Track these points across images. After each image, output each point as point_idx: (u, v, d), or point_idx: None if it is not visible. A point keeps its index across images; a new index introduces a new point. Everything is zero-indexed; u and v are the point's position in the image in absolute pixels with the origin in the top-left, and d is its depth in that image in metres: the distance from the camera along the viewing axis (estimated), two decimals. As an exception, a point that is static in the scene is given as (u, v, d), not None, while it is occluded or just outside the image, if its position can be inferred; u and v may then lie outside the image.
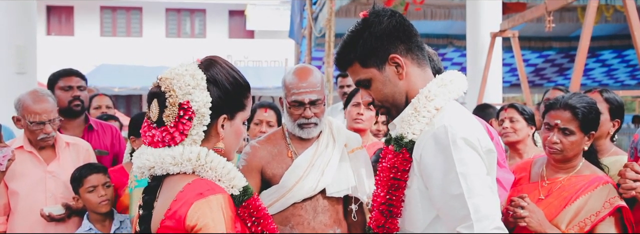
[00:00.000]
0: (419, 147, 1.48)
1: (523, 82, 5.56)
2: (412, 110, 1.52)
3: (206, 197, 1.30)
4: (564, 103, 2.00)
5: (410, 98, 1.55)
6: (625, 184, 1.90)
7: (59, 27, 16.53)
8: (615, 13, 7.00)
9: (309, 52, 8.65)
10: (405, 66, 1.53)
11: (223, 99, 1.39)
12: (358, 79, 1.57)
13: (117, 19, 16.90)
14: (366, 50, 1.52)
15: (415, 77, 1.55)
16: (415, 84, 1.55)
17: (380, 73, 1.53)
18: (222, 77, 1.41)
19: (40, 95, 2.61)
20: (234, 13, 17.30)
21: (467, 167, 1.41)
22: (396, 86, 1.54)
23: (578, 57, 3.80)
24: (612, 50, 9.58)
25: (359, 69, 1.55)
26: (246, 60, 15.78)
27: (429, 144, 1.46)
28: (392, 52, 1.52)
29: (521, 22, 5.24)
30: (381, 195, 1.56)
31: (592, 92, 2.38)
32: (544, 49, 9.44)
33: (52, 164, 2.66)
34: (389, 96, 1.55)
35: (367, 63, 1.53)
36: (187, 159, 1.35)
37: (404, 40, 1.53)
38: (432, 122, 1.50)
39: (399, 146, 1.51)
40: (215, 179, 1.37)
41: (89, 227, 2.55)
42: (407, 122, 1.52)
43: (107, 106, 4.10)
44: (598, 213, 1.91)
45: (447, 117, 1.49)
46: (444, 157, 1.43)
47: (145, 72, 13.50)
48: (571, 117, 1.97)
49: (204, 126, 1.38)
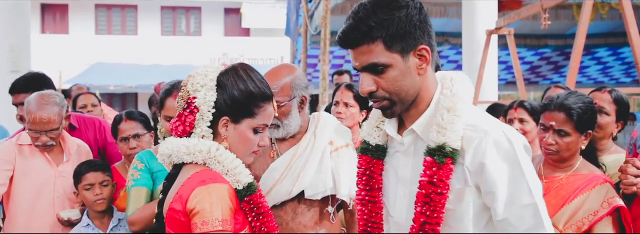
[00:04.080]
0: (476, 155, 1.33)
1: (519, 79, 5.57)
2: (452, 115, 1.36)
3: (207, 184, 1.44)
4: (558, 104, 1.99)
5: (420, 98, 1.41)
6: (627, 180, 1.90)
7: (54, 25, 16.46)
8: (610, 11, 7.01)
9: (304, 50, 8.64)
10: (429, 62, 1.39)
11: (227, 102, 1.53)
12: (373, 62, 1.34)
13: (112, 17, 16.84)
14: (398, 32, 1.33)
15: (430, 77, 1.42)
16: (429, 84, 1.42)
17: (403, 61, 1.35)
18: (230, 83, 1.54)
19: (44, 102, 2.52)
20: (230, 11, 17.26)
21: (532, 176, 1.34)
22: (414, 80, 1.38)
23: (573, 55, 3.81)
24: (607, 47, 9.59)
25: (380, 50, 1.33)
26: (242, 58, 15.75)
27: (491, 151, 1.32)
28: (421, 43, 1.36)
29: (517, 20, 5.24)
30: (423, 213, 1.37)
31: (602, 92, 2.37)
32: (540, 46, 9.45)
33: (62, 165, 2.64)
34: (403, 90, 1.37)
35: (393, 46, 1.33)
36: (199, 151, 1.51)
37: (429, 34, 1.39)
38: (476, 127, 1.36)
39: (443, 155, 1.34)
40: (222, 172, 1.51)
41: (86, 223, 2.55)
42: (449, 127, 1.35)
43: (92, 104, 4.06)
44: (596, 213, 1.90)
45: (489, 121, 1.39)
46: (509, 165, 1.32)
47: (140, 70, 13.50)
48: (566, 119, 1.96)
49: (206, 123, 1.53)
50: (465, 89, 1.40)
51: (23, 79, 3.10)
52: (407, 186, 1.44)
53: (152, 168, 2.35)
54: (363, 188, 1.52)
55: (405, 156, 1.46)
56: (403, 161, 1.46)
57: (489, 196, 1.34)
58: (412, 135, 1.43)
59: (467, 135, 1.35)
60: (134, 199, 2.30)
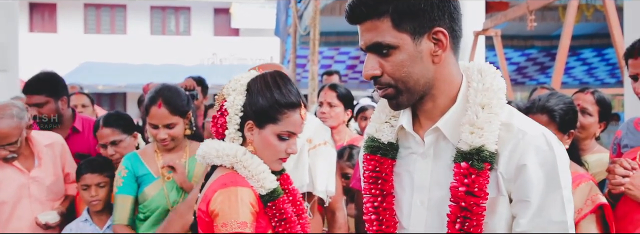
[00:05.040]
0: (512, 159, 1.15)
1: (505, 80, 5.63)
2: (487, 113, 1.16)
3: (228, 187, 1.49)
4: (540, 106, 2.02)
5: (436, 90, 1.19)
6: (614, 180, 1.92)
7: (42, 24, 16.33)
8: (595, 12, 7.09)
9: (294, 50, 8.67)
10: (446, 48, 1.17)
11: (252, 107, 1.57)
12: (377, 41, 1.15)
13: (101, 16, 16.74)
14: (410, 8, 1.13)
15: (450, 68, 1.19)
16: (449, 75, 1.19)
17: (413, 44, 1.14)
18: (256, 88, 1.58)
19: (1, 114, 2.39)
20: (219, 11, 17.23)
21: (569, 190, 1.16)
22: (426, 69, 1.16)
23: (559, 56, 3.87)
24: (592, 49, 9.70)
25: (388, 28, 1.14)
26: (231, 58, 15.74)
27: (529, 155, 1.14)
28: (438, 25, 1.15)
29: (503, 21, 5.31)
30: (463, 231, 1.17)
31: (585, 93, 2.42)
32: (526, 47, 9.55)
33: (34, 171, 2.59)
34: (412, 78, 1.16)
35: (402, 24, 1.13)
36: (226, 154, 1.56)
37: (452, 17, 1.17)
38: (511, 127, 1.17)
39: (482, 160, 1.14)
40: (247, 176, 1.54)
41: (85, 218, 2.56)
42: (486, 127, 1.15)
43: (82, 105, 4.04)
44: (580, 211, 1.92)
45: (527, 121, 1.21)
46: (546, 174, 1.13)
47: (129, 69, 13.44)
48: (548, 121, 1.99)
49: (234, 126, 1.59)
50: (499, 83, 1.20)
51: (35, 79, 3.01)
52: (426, 194, 1.22)
53: (137, 172, 2.37)
54: (375, 193, 1.28)
55: (424, 159, 1.23)
56: (421, 164, 1.24)
57: (519, 206, 1.16)
58: (434, 134, 1.22)
59: (501, 136, 1.16)
60: (120, 208, 2.36)
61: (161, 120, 2.28)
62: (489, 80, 1.20)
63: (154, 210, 2.36)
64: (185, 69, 12.47)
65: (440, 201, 1.20)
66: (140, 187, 2.38)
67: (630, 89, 2.17)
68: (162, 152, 2.40)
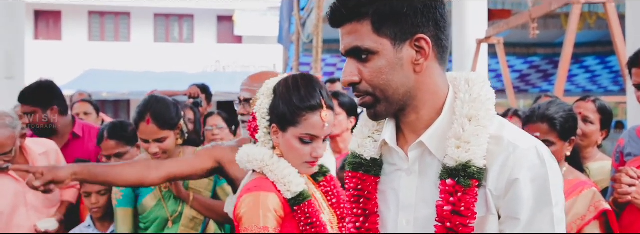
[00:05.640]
0: (502, 175, 1.07)
1: (508, 88, 5.64)
2: (474, 126, 1.09)
3: (252, 192, 1.51)
4: (540, 115, 2.02)
5: (419, 101, 1.13)
6: (621, 189, 1.92)
7: (47, 31, 16.42)
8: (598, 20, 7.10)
9: (296, 58, 8.70)
10: (429, 57, 1.10)
11: (274, 110, 1.58)
12: (356, 45, 1.09)
13: (105, 23, 16.82)
14: (391, 12, 1.08)
15: (434, 78, 1.12)
16: (432, 85, 1.12)
17: (393, 50, 1.08)
18: (280, 91, 1.59)
19: None
20: (222, 18, 17.31)
21: (560, 207, 1.08)
22: (407, 78, 1.10)
23: (561, 64, 3.88)
24: (595, 56, 9.71)
25: (367, 32, 1.09)
26: (234, 65, 15.79)
27: (519, 170, 1.06)
28: (421, 31, 1.09)
29: (506, 29, 5.33)
30: None
31: (586, 101, 2.43)
32: (529, 55, 9.56)
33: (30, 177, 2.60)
34: (391, 86, 1.10)
35: (383, 29, 1.08)
36: (255, 159, 1.58)
37: (438, 25, 1.11)
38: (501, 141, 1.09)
39: (469, 177, 1.07)
40: (275, 180, 1.55)
41: (88, 224, 2.58)
42: (473, 141, 1.08)
43: (85, 112, 4.05)
44: (583, 217, 1.94)
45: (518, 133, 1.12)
46: (536, 189, 1.06)
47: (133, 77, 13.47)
48: (549, 129, 2.00)
49: (263, 129, 1.61)
50: (488, 93, 1.14)
51: (33, 88, 3.03)
52: (412, 213, 1.15)
53: None
54: (357, 213, 1.21)
55: (409, 175, 1.16)
56: (406, 181, 1.16)
57: (507, 224, 1.08)
58: (418, 149, 1.14)
59: (490, 150, 1.09)
60: (121, 221, 2.38)
61: (151, 135, 2.26)
62: (477, 90, 1.13)
63: (153, 220, 2.36)
64: (188, 76, 12.51)
65: (427, 220, 1.12)
66: (138, 198, 2.39)
67: (634, 98, 2.18)
68: None
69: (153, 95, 2.39)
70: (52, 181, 1.90)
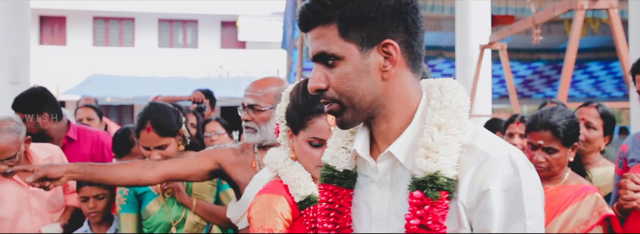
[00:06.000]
0: (473, 186, 1.01)
1: (512, 93, 5.64)
2: (443, 134, 1.03)
3: (261, 194, 1.53)
4: (543, 123, 2.03)
5: (388, 110, 1.08)
6: (626, 195, 1.92)
7: (52, 36, 16.51)
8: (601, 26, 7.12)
9: (300, 63, 8.72)
10: (398, 63, 1.05)
11: (287, 113, 1.60)
12: (322, 50, 1.05)
13: (109, 29, 16.90)
14: (358, 16, 1.03)
15: (405, 86, 1.07)
16: (400, 95, 1.07)
17: (360, 56, 1.04)
18: (292, 95, 1.60)
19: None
20: (226, 24, 17.37)
21: (535, 218, 1.01)
22: (374, 85, 1.05)
23: (565, 69, 3.88)
24: (599, 62, 9.72)
25: (334, 36, 1.04)
26: (238, 70, 15.83)
27: (491, 180, 1.00)
28: (390, 37, 1.04)
29: (509, 35, 5.33)
30: None
31: (589, 107, 2.44)
32: (533, 60, 9.57)
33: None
34: (357, 93, 1.05)
35: (349, 33, 1.04)
36: (272, 161, 1.61)
37: (409, 31, 1.05)
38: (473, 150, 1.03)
39: (437, 188, 1.01)
40: (287, 183, 1.56)
41: (85, 229, 2.59)
42: (442, 150, 1.02)
43: (87, 118, 4.07)
44: (587, 222, 1.95)
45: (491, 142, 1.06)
46: (508, 201, 0.99)
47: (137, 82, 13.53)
48: (552, 137, 2.01)
49: (282, 132, 1.62)
50: (460, 99, 1.08)
51: (23, 96, 3.05)
52: (384, 228, 1.09)
53: (138, 190, 2.41)
54: (328, 228, 1.16)
55: (381, 188, 1.10)
56: (377, 194, 1.10)
57: None
58: (389, 160, 1.09)
59: (461, 160, 1.03)
60: (124, 226, 2.41)
61: (152, 143, 2.28)
62: (448, 97, 1.07)
63: (156, 226, 2.38)
64: (192, 81, 12.56)
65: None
66: (142, 204, 2.41)
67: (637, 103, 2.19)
68: None
69: (153, 102, 2.40)
70: (46, 177, 1.90)
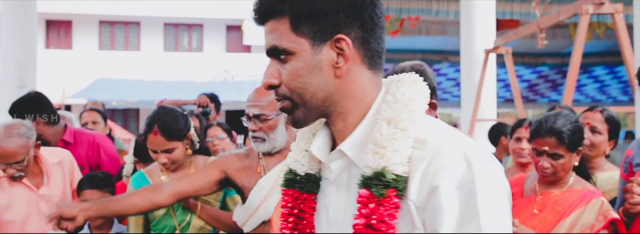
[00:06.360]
0: (424, 183, 0.94)
1: (517, 97, 5.63)
2: (392, 128, 0.97)
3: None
4: (548, 129, 2.02)
5: (343, 107, 1.02)
6: (633, 200, 1.92)
7: (58, 40, 16.60)
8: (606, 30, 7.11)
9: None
10: (351, 60, 1.00)
11: None
12: (274, 44, 1.01)
13: (115, 33, 16.99)
14: (310, 10, 0.99)
15: (360, 84, 1.02)
16: (355, 92, 1.02)
17: (312, 51, 0.99)
18: None
19: (7, 134, 2.44)
20: (232, 28, 17.42)
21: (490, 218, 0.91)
22: (326, 82, 1.00)
23: (570, 73, 3.87)
24: (604, 66, 9.70)
25: (286, 30, 1.00)
26: (243, 74, 15.86)
27: (441, 177, 0.92)
28: (342, 31, 0.99)
29: (514, 39, 5.33)
30: None
31: (594, 111, 2.43)
32: (538, 64, 9.56)
33: (42, 188, 2.63)
34: (308, 90, 1.00)
35: (300, 27, 0.99)
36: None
37: (365, 26, 1.00)
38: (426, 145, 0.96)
39: (382, 186, 0.94)
40: None
41: (85, 232, 2.60)
42: (389, 145, 0.96)
43: (93, 121, 4.10)
44: (593, 227, 1.95)
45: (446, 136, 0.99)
46: (461, 200, 0.91)
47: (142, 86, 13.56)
48: (557, 143, 2.01)
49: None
50: (415, 93, 1.02)
51: (19, 101, 3.06)
52: (340, 231, 1.03)
53: None
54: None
55: (338, 189, 1.04)
56: (335, 196, 1.05)
57: None
58: (343, 159, 1.03)
59: (413, 156, 0.96)
60: (133, 228, 2.42)
61: (159, 146, 2.30)
62: (402, 90, 1.01)
63: (161, 229, 2.39)
64: (197, 85, 12.58)
65: None
66: None
67: (642, 108, 2.18)
68: (168, 171, 2.43)
69: (162, 106, 2.42)
70: (62, 217, 1.96)
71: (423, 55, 8.64)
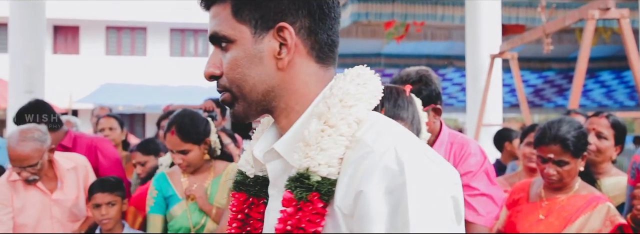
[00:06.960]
0: (351, 187, 0.82)
1: (522, 102, 5.62)
2: (321, 124, 0.87)
3: None
4: (552, 136, 2.03)
5: (286, 103, 0.93)
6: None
7: (65, 46, 16.71)
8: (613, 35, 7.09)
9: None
10: (295, 52, 0.91)
11: None
12: (215, 31, 0.93)
13: (122, 38, 17.09)
14: None
15: (305, 78, 0.92)
16: (299, 87, 0.92)
17: (252, 40, 0.91)
18: None
19: (22, 138, 2.48)
20: (237, 33, 17.49)
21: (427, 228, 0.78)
22: (267, 74, 0.91)
23: (576, 79, 3.87)
24: (610, 71, 9.67)
25: (227, 16, 0.92)
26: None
27: (368, 180, 0.81)
28: (286, 20, 0.91)
29: (520, 44, 5.33)
30: None
31: (600, 117, 2.43)
32: (544, 69, 9.54)
33: (56, 193, 2.66)
34: (247, 82, 0.92)
35: (242, 13, 0.91)
36: None
37: (313, 16, 0.92)
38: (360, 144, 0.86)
39: (304, 189, 0.85)
40: None
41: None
42: (315, 144, 0.86)
43: (109, 128, 4.12)
44: (599, 232, 1.95)
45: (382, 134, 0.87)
46: (390, 206, 0.79)
47: (149, 91, 13.64)
48: (562, 150, 2.01)
49: None
50: (355, 87, 0.91)
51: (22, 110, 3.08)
52: None
53: (165, 193, 2.47)
54: None
55: (278, 193, 0.93)
56: (275, 200, 0.95)
57: None
58: (279, 159, 0.93)
59: (347, 156, 0.86)
60: (152, 226, 2.47)
61: (174, 146, 2.37)
62: (341, 84, 0.91)
63: (177, 230, 2.42)
64: (203, 90, 12.63)
65: None
66: (168, 207, 2.47)
67: (648, 113, 2.17)
68: (188, 174, 2.48)
69: (186, 108, 2.50)
70: None
71: (428, 61, 8.64)
